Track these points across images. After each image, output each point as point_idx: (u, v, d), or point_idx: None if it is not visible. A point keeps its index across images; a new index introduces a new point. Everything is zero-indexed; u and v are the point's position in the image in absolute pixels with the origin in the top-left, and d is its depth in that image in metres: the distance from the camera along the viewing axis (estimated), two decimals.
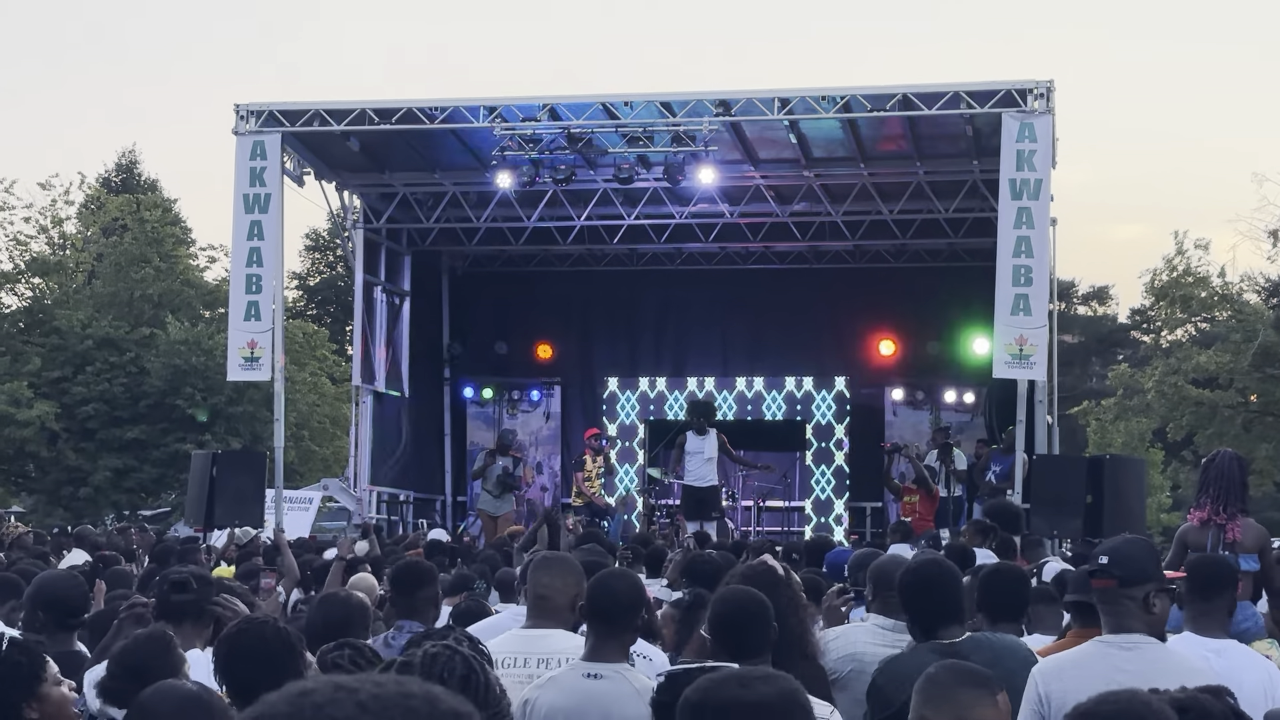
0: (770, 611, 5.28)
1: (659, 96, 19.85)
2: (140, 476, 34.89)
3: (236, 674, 4.70)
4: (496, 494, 21.56)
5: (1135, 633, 5.08)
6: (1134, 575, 5.14)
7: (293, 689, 1.38)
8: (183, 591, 6.08)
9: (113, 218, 38.88)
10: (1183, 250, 34.81)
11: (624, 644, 5.38)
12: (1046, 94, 18.11)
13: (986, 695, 4.10)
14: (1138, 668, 4.66)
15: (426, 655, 3.15)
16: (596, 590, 5.44)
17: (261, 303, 19.64)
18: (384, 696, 1.36)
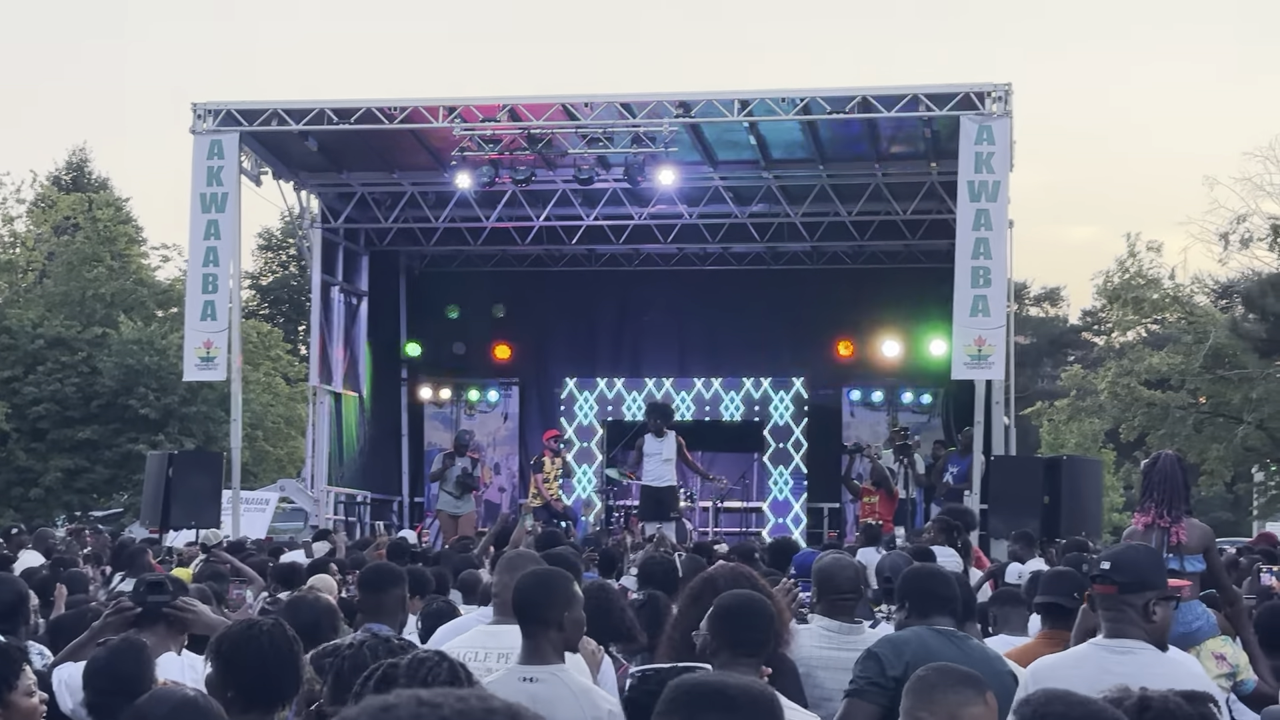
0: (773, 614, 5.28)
1: (619, 97, 19.87)
2: (92, 477, 34.62)
3: (232, 672, 4.67)
4: (457, 495, 21.52)
5: (1134, 639, 5.12)
6: (1135, 582, 5.18)
7: (374, 704, 1.37)
8: (159, 593, 6.04)
9: (64, 216, 38.57)
10: (1135, 252, 35.04)
11: (555, 643, 5.28)
12: (1005, 97, 18.27)
13: (976, 695, 4.14)
14: (1130, 670, 4.67)
15: (414, 660, 3.13)
16: (518, 591, 5.37)
17: (218, 302, 19.57)
18: (468, 711, 1.35)
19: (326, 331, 23.22)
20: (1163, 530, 7.82)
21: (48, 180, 44.28)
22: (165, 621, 6.21)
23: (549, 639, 5.30)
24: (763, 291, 24.94)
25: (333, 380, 23.28)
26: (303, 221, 23.11)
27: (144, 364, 33.74)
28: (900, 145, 21.24)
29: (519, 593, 5.39)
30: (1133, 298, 34.74)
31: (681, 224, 23.66)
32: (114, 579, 13.60)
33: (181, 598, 6.39)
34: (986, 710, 4.12)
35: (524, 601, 5.35)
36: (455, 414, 25.85)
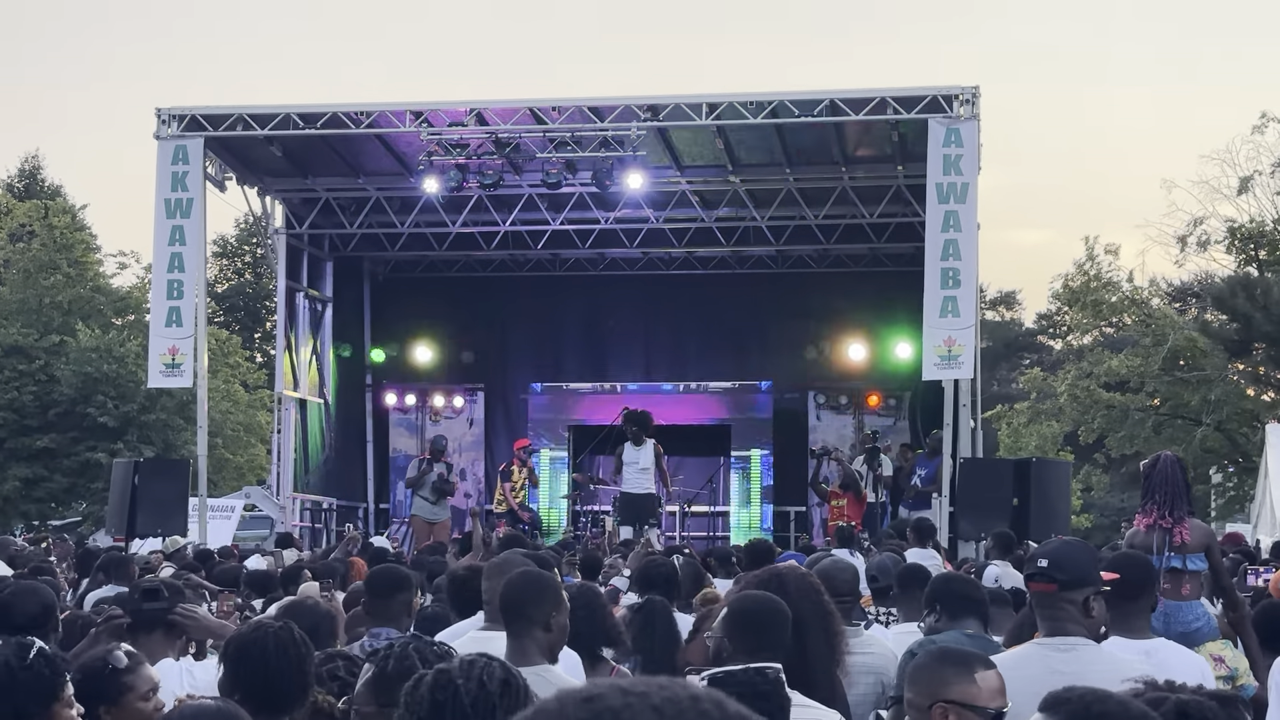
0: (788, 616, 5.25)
1: (586, 101, 19.86)
2: (50, 486, 34.35)
3: (242, 675, 4.63)
4: (433, 500, 21.46)
5: (1075, 636, 5.10)
6: (1074, 579, 5.15)
7: (577, 694, 1.35)
8: (155, 599, 5.97)
9: (19, 224, 38.24)
10: (1093, 255, 35.30)
11: (536, 642, 5.26)
12: (973, 100, 18.37)
13: (964, 673, 4.16)
14: (1074, 669, 4.66)
15: (464, 662, 3.11)
16: (505, 590, 5.36)
17: (183, 308, 19.46)
18: (677, 700, 1.33)
19: (291, 337, 23.10)
20: (1165, 531, 7.86)
21: (0, 188, 43.94)
22: (163, 628, 6.15)
23: (535, 639, 5.27)
24: (728, 296, 24.98)
25: (298, 386, 23.15)
26: (267, 227, 22.99)
27: (102, 372, 33.52)
28: (867, 149, 21.31)
29: (507, 592, 5.37)
30: (1091, 300, 34.97)
31: (647, 228, 23.66)
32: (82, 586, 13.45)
33: (181, 605, 6.33)
34: (976, 690, 4.14)
35: (511, 601, 5.34)
36: (420, 420, 25.76)
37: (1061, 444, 38.86)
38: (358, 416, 25.69)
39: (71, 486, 34.80)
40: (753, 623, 5.07)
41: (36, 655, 4.28)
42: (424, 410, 25.77)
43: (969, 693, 4.14)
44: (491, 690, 2.96)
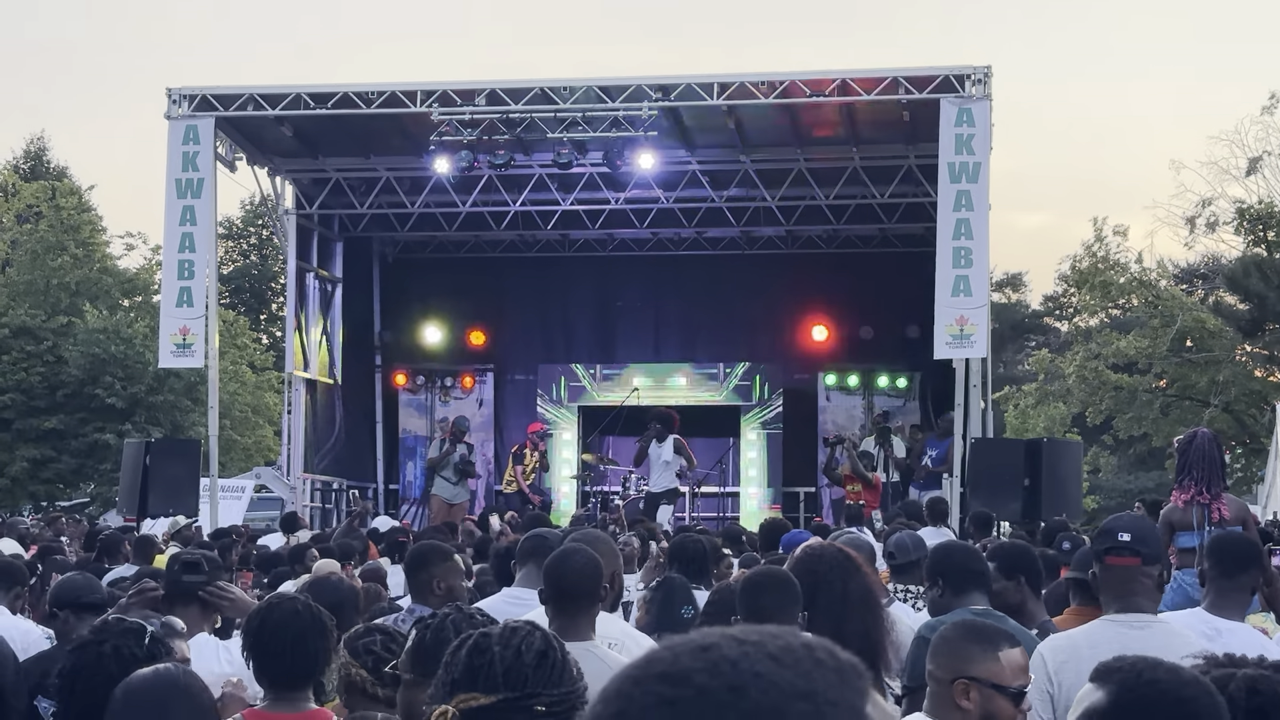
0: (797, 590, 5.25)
1: (598, 81, 19.83)
2: (58, 467, 34.37)
3: (265, 650, 4.64)
4: (455, 481, 21.48)
5: (1147, 613, 5.06)
6: (1154, 553, 5.12)
7: (690, 642, 1.33)
8: (195, 573, 5.98)
9: (27, 205, 38.22)
10: (1102, 237, 35.28)
11: (589, 621, 5.34)
12: (985, 79, 18.34)
13: (989, 650, 4.15)
14: (1150, 647, 4.67)
15: (506, 630, 3.10)
16: (553, 571, 5.40)
17: (194, 289, 19.45)
18: (792, 648, 1.31)
19: (301, 318, 23.09)
20: (1203, 506, 7.85)
21: (7, 169, 43.89)
22: (198, 603, 6.16)
23: (587, 616, 5.34)
24: (738, 276, 24.97)
25: (307, 367, 23.15)
26: (277, 208, 22.98)
27: (110, 353, 33.51)
28: (878, 129, 21.26)
29: (557, 571, 5.39)
30: (1100, 282, 34.96)
31: (657, 209, 23.64)
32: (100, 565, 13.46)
33: (218, 581, 6.33)
34: (999, 667, 4.13)
35: (561, 580, 5.36)
36: (430, 401, 25.76)
37: (1069, 425, 38.87)
38: (367, 397, 25.69)
39: (79, 468, 34.82)
40: (762, 596, 5.08)
41: (151, 641, 4.35)
42: (433, 391, 25.77)
43: (992, 670, 4.13)
44: (527, 661, 2.95)
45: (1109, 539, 5.17)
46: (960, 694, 4.10)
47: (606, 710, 1.32)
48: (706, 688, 1.28)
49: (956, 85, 18.29)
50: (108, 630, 4.44)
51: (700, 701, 1.27)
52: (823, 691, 1.29)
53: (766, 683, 1.28)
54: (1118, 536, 5.12)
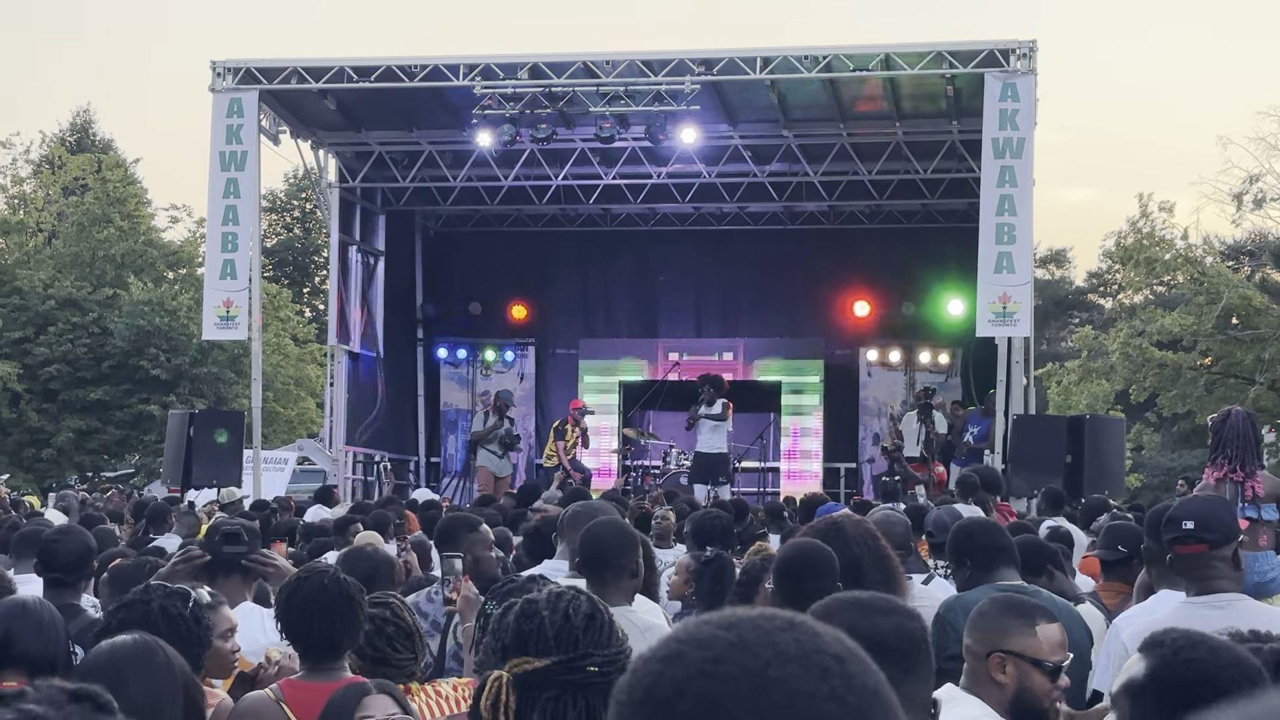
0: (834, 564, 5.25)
1: (640, 55, 19.82)
2: (103, 438, 34.63)
3: (296, 621, 4.69)
4: (500, 454, 21.55)
5: (1229, 592, 5.06)
6: (1222, 536, 5.12)
7: (724, 619, 1.39)
8: (235, 543, 6.04)
9: (73, 177, 38.46)
10: (1147, 213, 34.95)
11: (622, 589, 5.42)
12: (1029, 54, 18.23)
13: (1026, 625, 4.17)
14: (1234, 624, 4.65)
15: (551, 595, 3.13)
16: (587, 540, 5.49)
17: (238, 261, 19.57)
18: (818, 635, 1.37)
19: (344, 291, 23.17)
20: (1235, 484, 7.82)
21: (54, 141, 44.13)
22: (240, 572, 6.21)
23: (619, 586, 5.43)
24: (779, 251, 24.94)
25: (350, 340, 23.24)
26: (320, 181, 23.06)
27: (154, 325, 33.71)
28: (922, 103, 21.16)
29: (594, 540, 5.45)
30: (1144, 258, 34.65)
31: (699, 183, 23.61)
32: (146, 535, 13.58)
33: (261, 551, 6.39)
34: (1036, 642, 4.14)
35: (596, 549, 5.44)
36: (471, 374, 25.84)
37: (1112, 403, 38.60)
38: (409, 370, 25.78)
39: (124, 438, 35.07)
40: (799, 571, 5.09)
41: (195, 607, 4.46)
42: (475, 364, 25.84)
43: (1029, 645, 4.14)
44: (576, 624, 3.00)
45: (1174, 528, 5.20)
46: (996, 668, 4.11)
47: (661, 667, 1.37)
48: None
49: (1001, 60, 18.19)
50: (153, 591, 4.50)
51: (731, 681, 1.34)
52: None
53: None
54: (1182, 525, 5.16)
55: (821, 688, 1.33)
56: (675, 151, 21.85)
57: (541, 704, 2.94)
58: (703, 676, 1.34)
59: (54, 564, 6.49)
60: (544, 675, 2.95)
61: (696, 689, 1.33)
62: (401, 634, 5.07)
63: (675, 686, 1.35)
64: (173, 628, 4.28)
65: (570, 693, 2.96)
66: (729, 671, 1.33)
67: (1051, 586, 6.65)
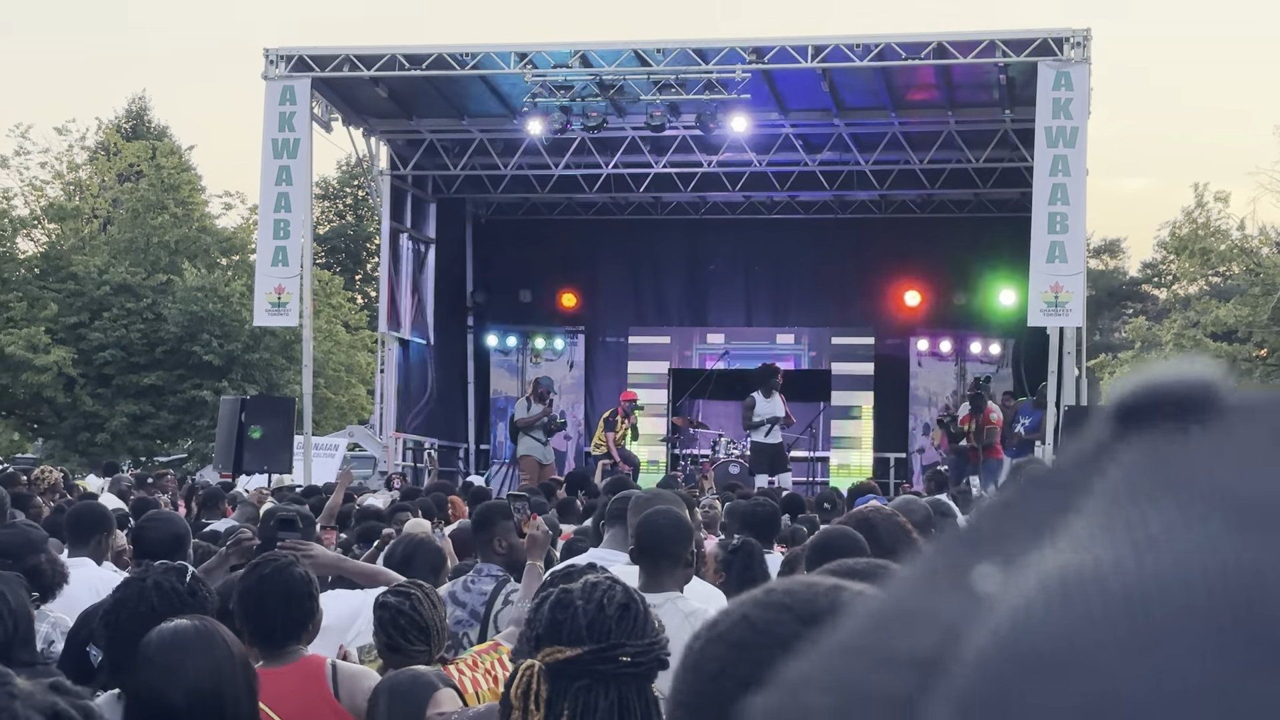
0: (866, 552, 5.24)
1: (691, 44, 19.77)
2: (157, 423, 34.88)
3: (256, 611, 4.66)
4: (544, 441, 21.59)
5: None
6: None
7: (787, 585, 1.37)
8: (290, 529, 6.08)
9: (128, 164, 38.74)
10: (1202, 203, 34.70)
11: (675, 577, 5.47)
12: (1084, 42, 18.09)
13: None
14: None
15: (588, 584, 3.12)
16: (644, 528, 5.54)
17: (289, 248, 19.67)
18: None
19: (395, 278, 23.25)
20: None
21: (109, 128, 44.43)
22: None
23: (673, 574, 5.46)
24: (831, 240, 24.87)
25: (400, 327, 23.33)
26: (372, 168, 23.15)
27: (207, 311, 33.91)
28: (974, 92, 21.04)
29: (651, 529, 5.49)
30: (1199, 249, 34.41)
31: (750, 172, 23.55)
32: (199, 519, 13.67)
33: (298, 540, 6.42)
34: None
35: (652, 538, 5.47)
36: (521, 362, 25.89)
37: None
38: (459, 357, 25.86)
39: (177, 423, 35.30)
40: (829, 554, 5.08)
41: (192, 579, 4.45)
42: (525, 352, 25.90)
43: None
44: (609, 614, 2.99)
45: None
46: None
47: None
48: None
49: (1055, 48, 18.07)
50: (150, 569, 4.53)
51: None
52: None
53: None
54: None
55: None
56: (726, 140, 21.81)
57: (573, 693, 2.94)
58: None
59: (144, 548, 6.51)
60: (576, 665, 2.95)
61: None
62: (415, 626, 5.10)
63: (741, 688, 1.30)
64: (166, 601, 4.30)
65: (602, 682, 2.95)
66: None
67: None
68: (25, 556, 6.06)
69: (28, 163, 36.84)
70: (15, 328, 32.59)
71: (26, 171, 36.91)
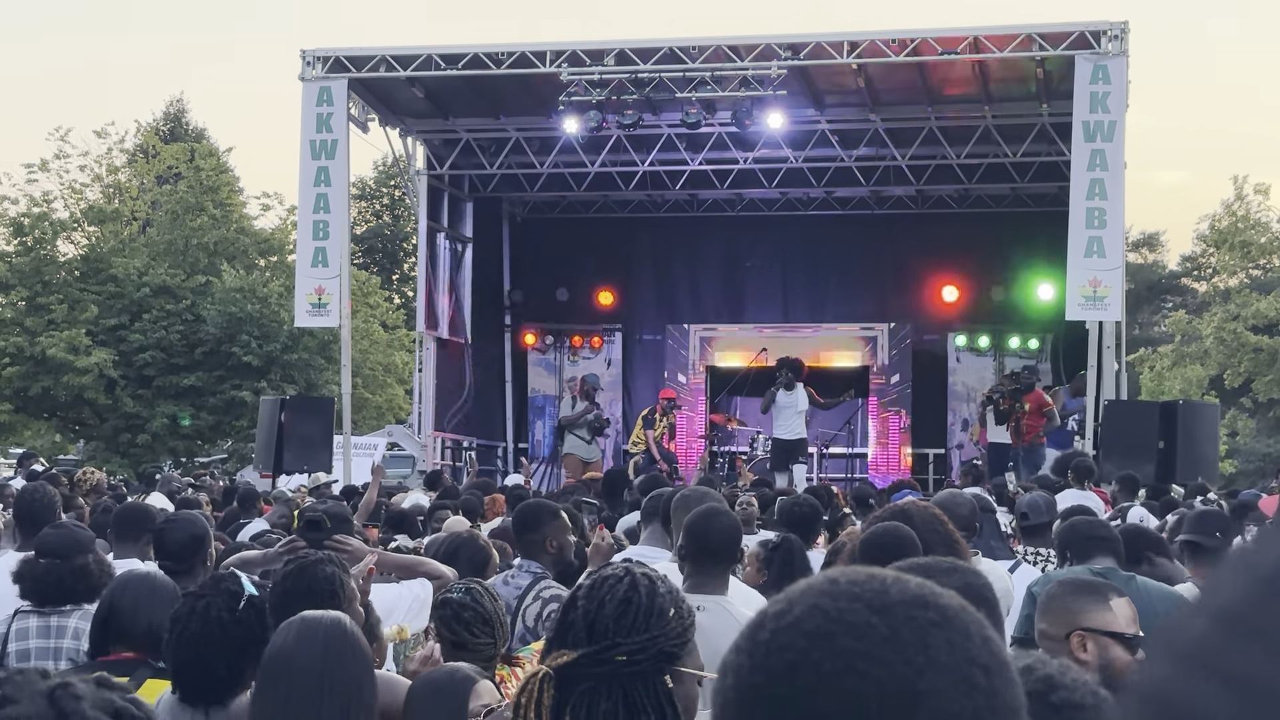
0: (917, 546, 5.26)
1: (726, 40, 19.77)
2: (197, 423, 35.08)
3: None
4: (588, 440, 21.63)
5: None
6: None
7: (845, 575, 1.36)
8: (317, 530, 6.13)
9: (167, 166, 38.97)
10: (1242, 195, 34.52)
11: (723, 578, 5.48)
12: (1121, 35, 18.00)
13: (1099, 601, 4.20)
14: None
15: (597, 581, 3.06)
16: (695, 527, 5.52)
17: (329, 249, 19.74)
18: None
19: (432, 278, 23.33)
20: None
21: (148, 130, 44.68)
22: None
23: (719, 573, 5.48)
24: (868, 236, 24.83)
25: (438, 326, 23.40)
26: (408, 168, 23.23)
27: (246, 312, 34.07)
28: (1011, 86, 20.97)
29: (705, 529, 5.49)
30: (1239, 241, 34.24)
31: (786, 168, 23.53)
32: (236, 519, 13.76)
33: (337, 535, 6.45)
34: (1112, 616, 4.17)
35: (703, 538, 5.49)
36: (559, 360, 25.93)
37: (1206, 388, 38.18)
38: (497, 356, 25.92)
39: (217, 424, 35.51)
40: (881, 549, 5.09)
41: (246, 606, 4.29)
42: (562, 350, 25.94)
43: (1106, 620, 4.18)
44: (608, 612, 2.87)
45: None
46: (1078, 647, 4.14)
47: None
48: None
49: (1092, 41, 17.98)
50: (206, 587, 4.45)
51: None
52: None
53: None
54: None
55: (967, 707, 1.27)
56: (762, 136, 21.81)
57: (575, 698, 2.84)
58: (852, 675, 1.26)
59: (164, 550, 6.55)
60: (577, 668, 2.85)
61: (845, 688, 1.25)
62: (479, 620, 5.14)
63: (821, 679, 1.26)
64: (210, 627, 4.31)
65: (604, 684, 2.83)
66: (880, 675, 1.26)
67: (1152, 573, 6.64)
68: (73, 556, 6.13)
69: (67, 166, 37.09)
70: (56, 330, 32.84)
71: (66, 175, 37.16)
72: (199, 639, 4.17)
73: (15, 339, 32.97)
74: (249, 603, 4.31)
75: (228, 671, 4.18)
